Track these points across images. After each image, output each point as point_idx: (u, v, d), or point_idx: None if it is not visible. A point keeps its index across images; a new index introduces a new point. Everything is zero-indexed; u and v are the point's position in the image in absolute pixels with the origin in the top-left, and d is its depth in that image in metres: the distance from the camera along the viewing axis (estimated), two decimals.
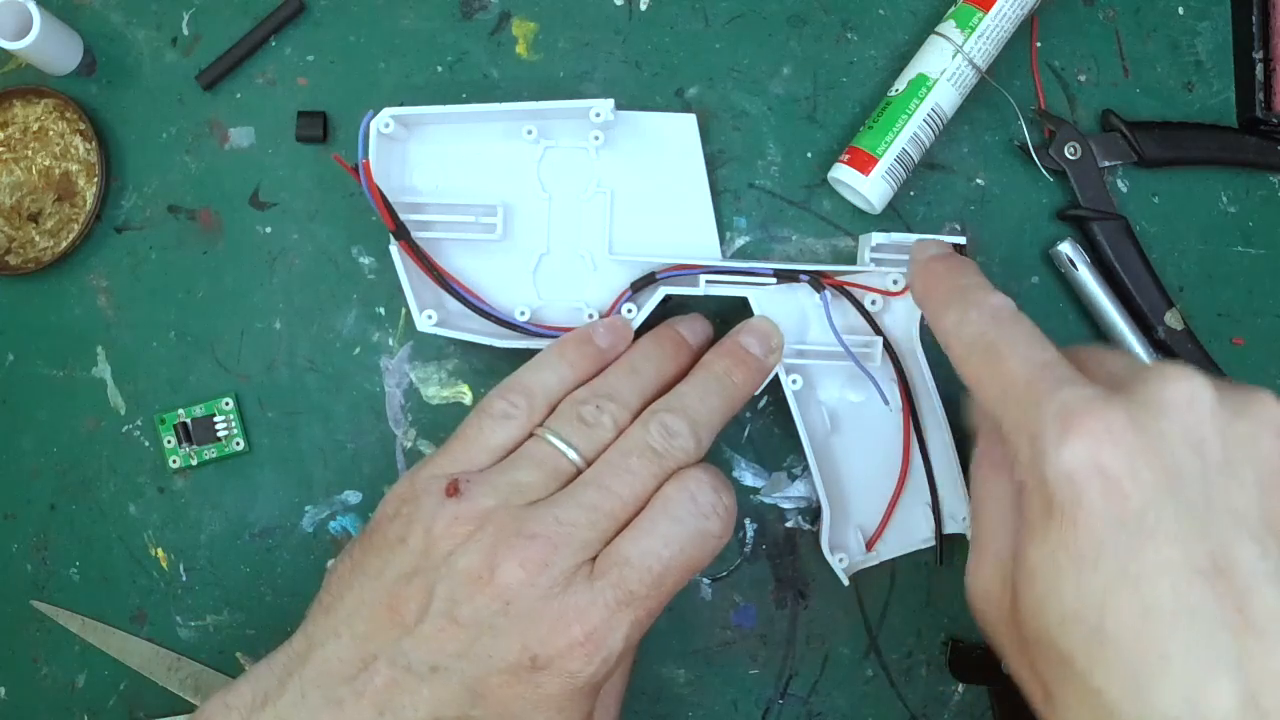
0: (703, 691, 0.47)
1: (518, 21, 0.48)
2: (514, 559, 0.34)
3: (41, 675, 0.47)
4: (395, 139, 0.44)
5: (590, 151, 0.45)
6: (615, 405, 0.38)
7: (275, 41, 0.48)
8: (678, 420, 0.38)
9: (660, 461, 0.37)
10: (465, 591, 0.34)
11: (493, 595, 0.34)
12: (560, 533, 0.35)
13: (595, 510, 0.35)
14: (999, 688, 0.46)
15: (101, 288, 0.48)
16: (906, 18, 0.47)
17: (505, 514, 0.35)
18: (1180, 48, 0.48)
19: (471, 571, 0.34)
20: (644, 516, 0.36)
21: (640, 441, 0.37)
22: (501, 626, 0.34)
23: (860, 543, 0.44)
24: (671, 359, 0.42)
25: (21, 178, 0.47)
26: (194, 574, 0.47)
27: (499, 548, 0.34)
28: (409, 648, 0.34)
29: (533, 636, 0.33)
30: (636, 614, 0.35)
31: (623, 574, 0.35)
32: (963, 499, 0.44)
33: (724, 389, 0.40)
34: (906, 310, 0.44)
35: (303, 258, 0.47)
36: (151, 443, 0.47)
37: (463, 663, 0.34)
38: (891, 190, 0.45)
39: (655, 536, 0.35)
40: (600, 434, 0.38)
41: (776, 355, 0.43)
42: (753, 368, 0.42)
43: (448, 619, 0.34)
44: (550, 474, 0.37)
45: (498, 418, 0.38)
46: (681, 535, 0.36)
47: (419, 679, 0.34)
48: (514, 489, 0.36)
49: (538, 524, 0.35)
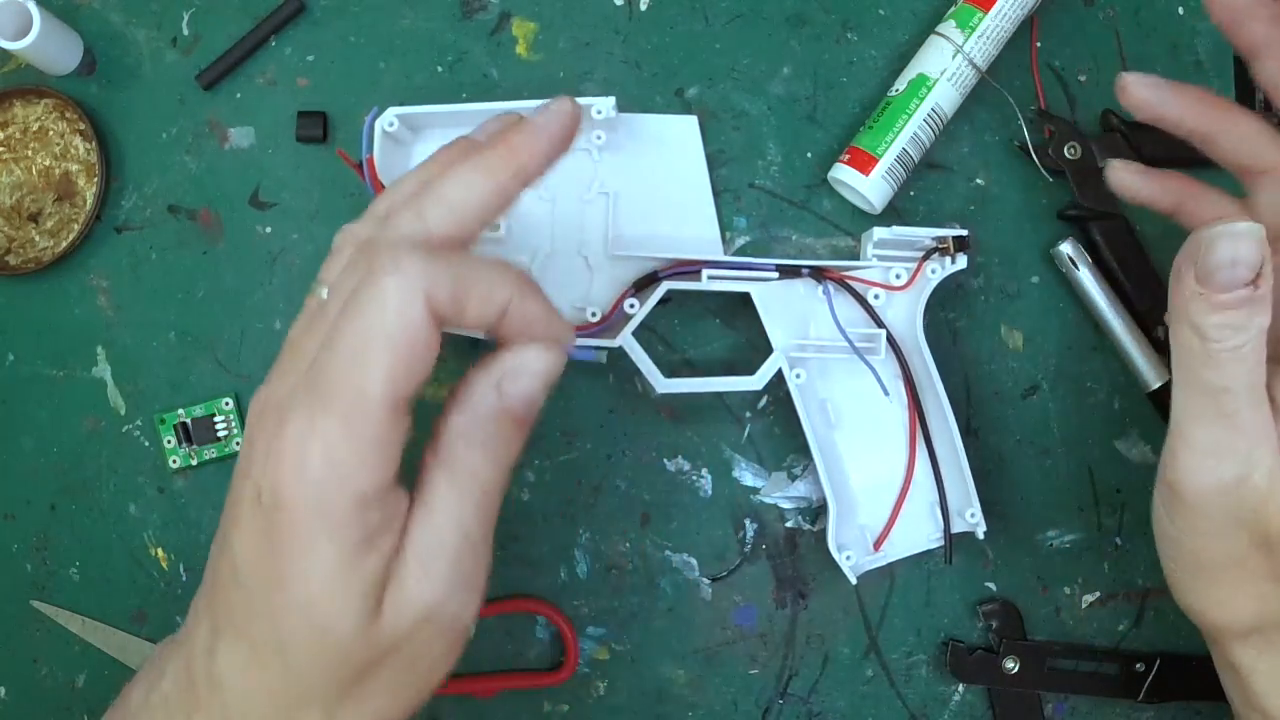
0: (703, 691, 0.47)
1: (518, 21, 0.48)
2: (262, 387, 0.32)
3: (41, 675, 0.47)
4: (398, 138, 0.44)
5: (592, 153, 0.45)
6: (358, 223, 0.34)
7: (275, 41, 0.48)
8: (402, 207, 0.32)
9: (366, 252, 0.31)
10: (242, 447, 0.32)
11: (246, 434, 0.32)
12: (288, 356, 0.32)
13: (310, 318, 0.32)
14: (999, 688, 0.46)
15: (101, 288, 0.48)
16: (906, 18, 0.47)
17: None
18: (1180, 48, 0.48)
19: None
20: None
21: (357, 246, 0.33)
22: (241, 467, 0.31)
23: (866, 541, 0.44)
24: (453, 155, 0.35)
25: (21, 178, 0.47)
26: (194, 574, 0.47)
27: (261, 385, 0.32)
28: (216, 533, 0.33)
29: (248, 467, 0.30)
30: (327, 411, 0.29)
31: (311, 372, 0.30)
32: (971, 495, 0.44)
33: (474, 167, 0.33)
34: (909, 305, 0.44)
35: (303, 258, 0.47)
36: (151, 443, 0.47)
37: (227, 526, 0.31)
38: (891, 190, 0.45)
39: (336, 318, 0.30)
40: (339, 257, 0.33)
41: (557, 120, 0.35)
42: (520, 135, 0.34)
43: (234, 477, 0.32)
44: (307, 320, 0.33)
45: None
46: (354, 304, 0.30)
47: (217, 557, 0.32)
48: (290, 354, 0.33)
49: (284, 359, 0.32)
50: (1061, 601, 0.47)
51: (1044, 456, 0.47)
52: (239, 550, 0.30)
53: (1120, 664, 0.46)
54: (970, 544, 0.46)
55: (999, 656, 0.46)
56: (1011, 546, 0.47)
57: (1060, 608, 0.47)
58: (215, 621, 0.31)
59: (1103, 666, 0.46)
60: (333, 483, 0.29)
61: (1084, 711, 0.47)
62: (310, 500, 0.29)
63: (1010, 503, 0.47)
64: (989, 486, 0.46)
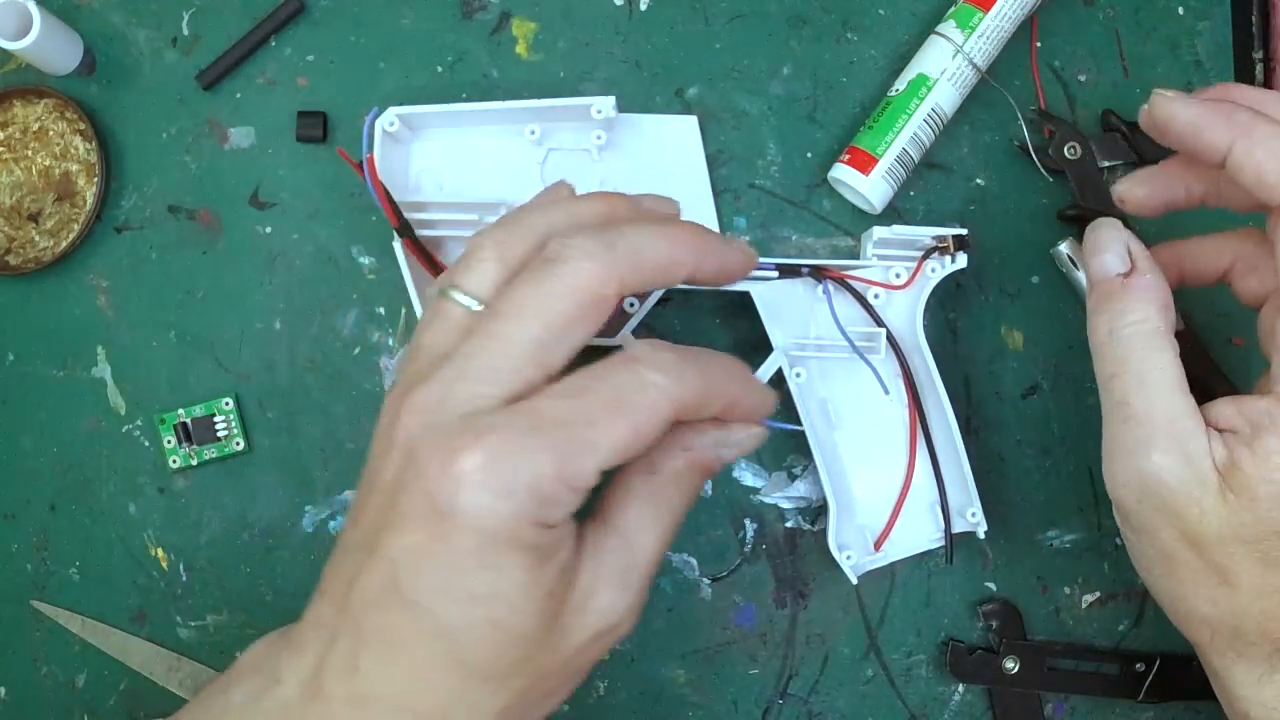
0: (703, 691, 0.47)
1: (518, 21, 0.48)
2: (409, 407, 0.31)
3: (41, 675, 0.47)
4: (399, 138, 0.44)
5: (593, 153, 0.45)
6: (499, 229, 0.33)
7: (275, 41, 0.48)
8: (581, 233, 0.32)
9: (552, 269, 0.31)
10: (379, 460, 0.31)
11: (397, 451, 0.31)
12: (453, 369, 0.31)
13: (486, 336, 0.31)
14: (999, 688, 0.46)
15: (101, 288, 0.48)
16: (906, 18, 0.47)
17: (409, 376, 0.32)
18: (1180, 48, 0.48)
19: (382, 438, 0.32)
20: (546, 327, 0.31)
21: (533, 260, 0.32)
22: (407, 481, 0.30)
23: (867, 541, 0.44)
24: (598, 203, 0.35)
25: (21, 178, 0.47)
26: (194, 574, 0.47)
27: (399, 404, 0.31)
28: (351, 537, 0.32)
29: (430, 479, 0.29)
30: (554, 440, 0.29)
31: (535, 400, 0.30)
32: (971, 494, 0.44)
33: (664, 235, 0.33)
34: (909, 304, 0.44)
35: (303, 258, 0.47)
36: (151, 443, 0.47)
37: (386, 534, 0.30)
38: (891, 190, 0.45)
39: (580, 374, 0.31)
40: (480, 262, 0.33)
41: (743, 254, 0.36)
42: (708, 240, 0.35)
43: (370, 492, 0.32)
44: (446, 325, 0.32)
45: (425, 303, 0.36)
46: (611, 373, 0.31)
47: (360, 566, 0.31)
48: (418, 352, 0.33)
49: (432, 368, 0.31)
50: (1061, 601, 0.47)
51: (1044, 456, 0.47)
52: (406, 565, 0.30)
53: (1120, 664, 0.46)
54: (970, 544, 0.46)
55: (999, 656, 0.46)
56: (1011, 546, 0.47)
57: (1060, 608, 0.47)
58: (363, 637, 0.31)
59: (1103, 666, 0.46)
60: (531, 506, 0.29)
61: (1084, 711, 0.47)
62: (505, 517, 0.29)
63: (1010, 503, 0.47)
64: (989, 486, 0.46)
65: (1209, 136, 0.34)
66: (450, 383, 0.30)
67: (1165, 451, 0.35)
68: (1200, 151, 0.35)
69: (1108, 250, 0.37)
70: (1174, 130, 0.35)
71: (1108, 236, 0.37)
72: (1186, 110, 0.35)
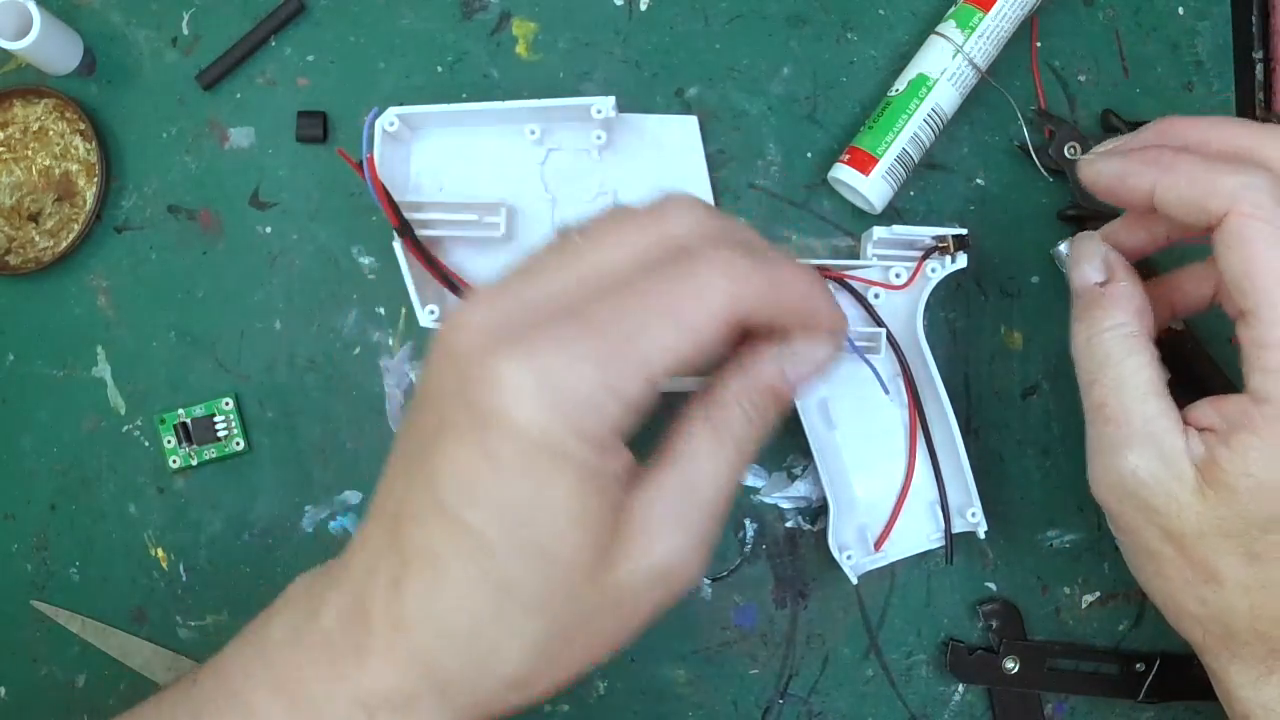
0: (703, 691, 0.47)
1: (518, 21, 0.48)
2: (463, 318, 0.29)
3: (41, 675, 0.47)
4: (399, 138, 0.44)
5: (593, 153, 0.45)
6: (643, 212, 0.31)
7: (275, 41, 0.48)
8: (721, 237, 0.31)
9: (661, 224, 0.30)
10: (433, 374, 0.30)
11: (449, 362, 0.29)
12: (517, 279, 0.30)
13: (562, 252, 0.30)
14: (999, 688, 0.46)
15: (101, 288, 0.48)
16: (906, 18, 0.47)
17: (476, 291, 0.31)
18: (1180, 48, 0.48)
19: (438, 351, 0.30)
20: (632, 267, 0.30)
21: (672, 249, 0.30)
22: (452, 390, 0.29)
23: (866, 542, 0.44)
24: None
25: (21, 178, 0.47)
26: (194, 574, 0.47)
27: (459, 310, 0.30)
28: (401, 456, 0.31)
29: (473, 385, 0.28)
30: (597, 345, 0.28)
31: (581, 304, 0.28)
32: (972, 494, 0.44)
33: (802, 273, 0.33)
34: (909, 304, 0.44)
35: (303, 258, 0.47)
36: (151, 443, 0.47)
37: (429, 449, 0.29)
38: (891, 190, 0.45)
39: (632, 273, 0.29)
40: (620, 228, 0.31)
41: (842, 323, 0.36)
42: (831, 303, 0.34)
43: (420, 408, 0.30)
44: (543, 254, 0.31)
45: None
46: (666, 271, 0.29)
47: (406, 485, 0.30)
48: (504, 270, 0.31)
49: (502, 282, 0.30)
50: (1061, 601, 0.47)
51: (1044, 456, 0.47)
52: (449, 476, 0.28)
53: (1120, 664, 0.46)
54: (970, 544, 0.46)
55: (999, 656, 0.46)
56: (1011, 546, 0.47)
57: (1060, 608, 0.47)
58: (405, 556, 0.29)
59: (1103, 666, 0.46)
60: (578, 416, 0.27)
61: (1084, 711, 0.47)
62: (552, 426, 0.27)
63: (1010, 503, 0.47)
64: (989, 486, 0.46)
65: (1134, 183, 0.35)
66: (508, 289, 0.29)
67: (1141, 451, 0.35)
68: (1131, 202, 0.36)
69: (1086, 261, 0.38)
70: (1103, 186, 0.37)
71: (1087, 249, 0.39)
72: (1109, 166, 0.36)
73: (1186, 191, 0.34)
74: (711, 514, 0.31)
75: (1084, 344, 0.38)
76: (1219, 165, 0.34)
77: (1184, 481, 0.35)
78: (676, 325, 0.28)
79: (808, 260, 0.44)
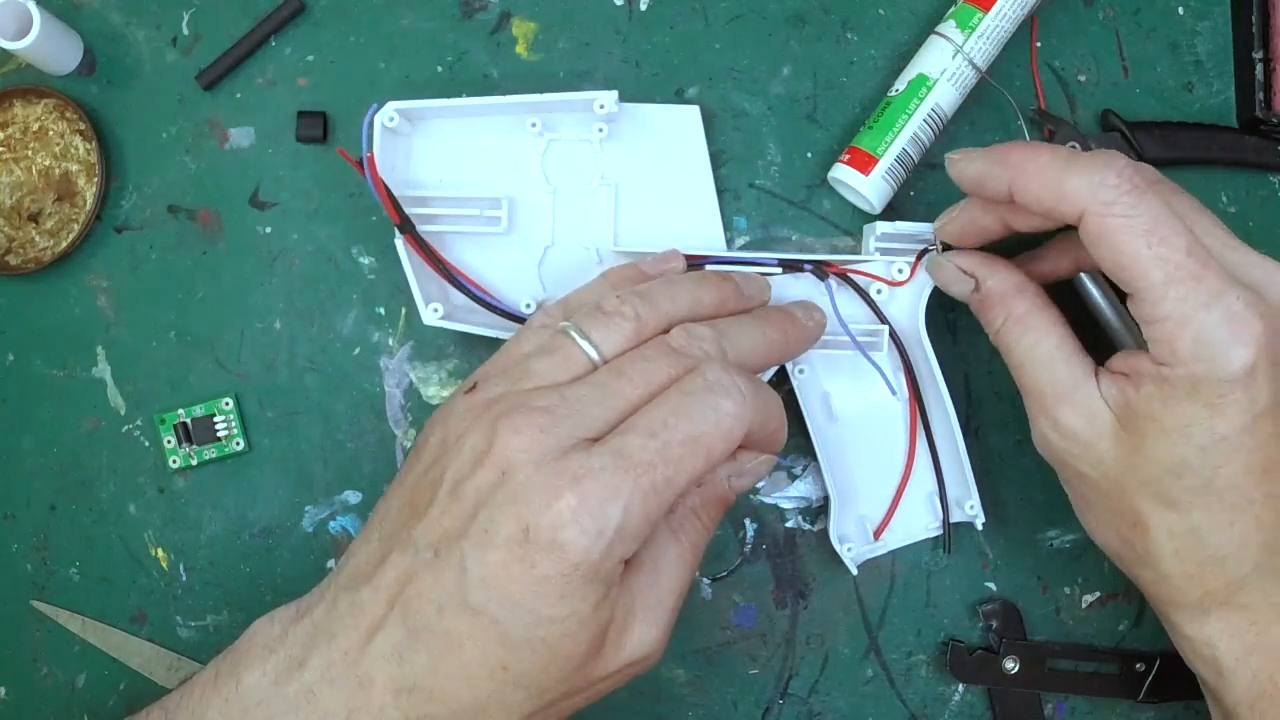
0: (703, 691, 0.47)
1: (518, 21, 0.48)
2: (512, 427, 0.33)
3: (41, 675, 0.47)
4: (399, 133, 0.44)
5: (594, 144, 0.45)
6: (640, 300, 0.37)
7: (275, 41, 0.48)
8: (703, 328, 0.36)
9: (678, 358, 0.35)
10: (468, 468, 0.33)
11: (491, 466, 0.33)
12: (564, 407, 0.33)
13: (603, 389, 0.34)
14: (999, 688, 0.46)
15: (101, 288, 0.48)
16: (906, 18, 0.47)
17: (513, 395, 0.34)
18: (1180, 48, 0.48)
19: (476, 448, 0.33)
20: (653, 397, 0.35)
21: (660, 341, 0.36)
22: (498, 500, 0.32)
23: (866, 533, 0.45)
24: (713, 290, 0.39)
25: (21, 178, 0.47)
26: (194, 574, 0.47)
27: (500, 420, 0.33)
28: (418, 534, 0.34)
29: (526, 507, 0.32)
30: (639, 483, 0.32)
31: (623, 440, 0.33)
32: (970, 487, 0.44)
33: (761, 331, 0.39)
34: (912, 299, 0.44)
35: (303, 258, 0.47)
36: (151, 443, 0.47)
37: (463, 543, 0.32)
38: (891, 190, 0.45)
39: (662, 407, 0.34)
40: (619, 326, 0.36)
41: (817, 328, 0.42)
42: (793, 326, 0.41)
43: (451, 498, 0.33)
44: (564, 363, 0.35)
45: (533, 329, 0.38)
46: (689, 406, 0.34)
47: (424, 565, 0.33)
48: (525, 376, 0.35)
49: (542, 399, 0.33)
50: (1061, 601, 0.47)
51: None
52: (480, 575, 0.32)
53: (1120, 664, 0.46)
54: (970, 544, 0.46)
55: (999, 656, 0.46)
56: (1011, 546, 0.47)
57: (1060, 608, 0.47)
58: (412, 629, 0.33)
59: (1103, 666, 0.46)
60: (616, 545, 0.32)
61: (1084, 711, 0.47)
62: (594, 555, 0.32)
63: (1010, 502, 0.47)
64: (989, 486, 0.46)
65: (993, 186, 0.38)
66: (559, 417, 0.33)
67: (1060, 409, 0.38)
68: (992, 195, 0.39)
69: (950, 284, 0.42)
70: (969, 181, 0.39)
71: (941, 275, 0.42)
72: (970, 167, 0.39)
73: (1040, 194, 0.36)
74: (674, 608, 0.36)
75: (993, 343, 0.41)
76: (1067, 165, 0.36)
77: (1102, 428, 0.37)
78: (707, 458, 0.33)
79: (810, 256, 0.44)
